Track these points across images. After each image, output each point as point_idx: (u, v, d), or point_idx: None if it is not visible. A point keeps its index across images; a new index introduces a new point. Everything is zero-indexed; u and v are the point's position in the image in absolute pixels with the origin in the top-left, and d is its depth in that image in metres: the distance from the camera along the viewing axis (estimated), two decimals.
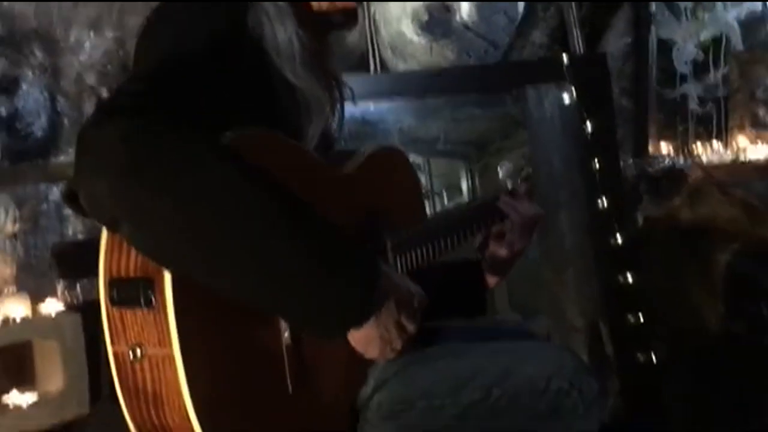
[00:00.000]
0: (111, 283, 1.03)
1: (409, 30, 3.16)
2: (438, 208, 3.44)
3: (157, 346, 1.01)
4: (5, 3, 2.42)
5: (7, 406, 2.05)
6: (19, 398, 2.06)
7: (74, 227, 2.56)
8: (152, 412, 1.03)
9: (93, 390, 2.18)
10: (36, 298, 2.20)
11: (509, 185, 1.55)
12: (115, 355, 1.05)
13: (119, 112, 0.96)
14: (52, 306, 2.19)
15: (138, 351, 1.02)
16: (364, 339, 1.11)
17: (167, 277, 0.99)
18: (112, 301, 1.03)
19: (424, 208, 1.46)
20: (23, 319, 2.11)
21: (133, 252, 1.01)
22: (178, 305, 0.99)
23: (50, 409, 2.11)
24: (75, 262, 2.39)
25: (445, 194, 3.48)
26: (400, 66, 3.20)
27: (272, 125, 1.13)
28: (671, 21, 3.19)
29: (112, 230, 1.01)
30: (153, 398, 1.03)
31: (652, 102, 3.18)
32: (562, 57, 2.86)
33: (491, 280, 1.53)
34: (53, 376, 2.16)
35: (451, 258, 1.46)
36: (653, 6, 3.16)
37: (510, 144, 3.36)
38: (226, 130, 1.04)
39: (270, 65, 1.20)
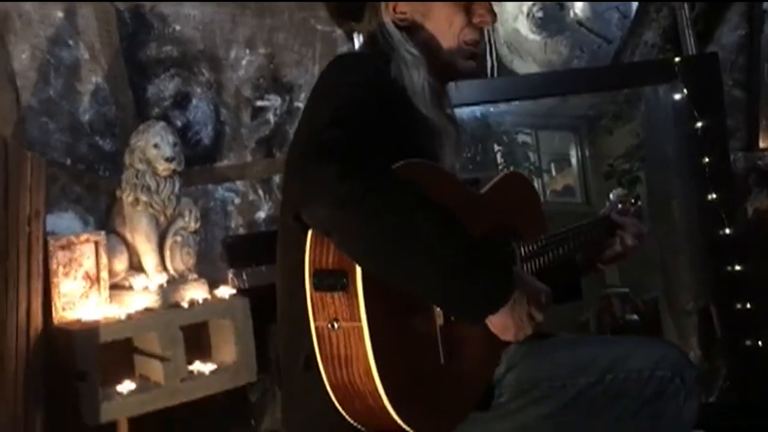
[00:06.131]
0: (314, 274, 1.34)
1: (524, 27, 3.32)
2: (546, 182, 3.57)
3: (349, 320, 1.33)
4: (178, 29, 2.79)
5: (192, 373, 2.41)
6: (202, 367, 2.42)
7: (236, 222, 2.92)
8: (344, 372, 1.35)
9: (260, 361, 2.54)
10: (210, 284, 2.55)
11: (619, 207, 1.83)
12: (317, 328, 1.36)
13: (329, 155, 1.27)
14: (225, 291, 2.55)
15: (335, 324, 1.34)
16: (501, 324, 1.41)
17: (358, 270, 1.31)
18: (315, 287, 1.34)
19: (545, 220, 1.74)
20: (204, 301, 2.47)
21: (332, 249, 1.33)
22: (366, 291, 1.32)
23: (226, 376, 2.47)
24: (242, 253, 2.76)
25: (553, 169, 3.57)
26: (516, 62, 3.35)
27: (418, 154, 1.43)
28: None
29: (324, 236, 1.33)
30: (345, 361, 1.34)
31: (764, 96, 3.25)
32: (673, 59, 2.99)
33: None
34: (227, 350, 2.51)
35: None
36: (766, 3, 3.22)
37: (622, 122, 3.46)
38: (394, 160, 1.35)
39: (409, 104, 1.51)
